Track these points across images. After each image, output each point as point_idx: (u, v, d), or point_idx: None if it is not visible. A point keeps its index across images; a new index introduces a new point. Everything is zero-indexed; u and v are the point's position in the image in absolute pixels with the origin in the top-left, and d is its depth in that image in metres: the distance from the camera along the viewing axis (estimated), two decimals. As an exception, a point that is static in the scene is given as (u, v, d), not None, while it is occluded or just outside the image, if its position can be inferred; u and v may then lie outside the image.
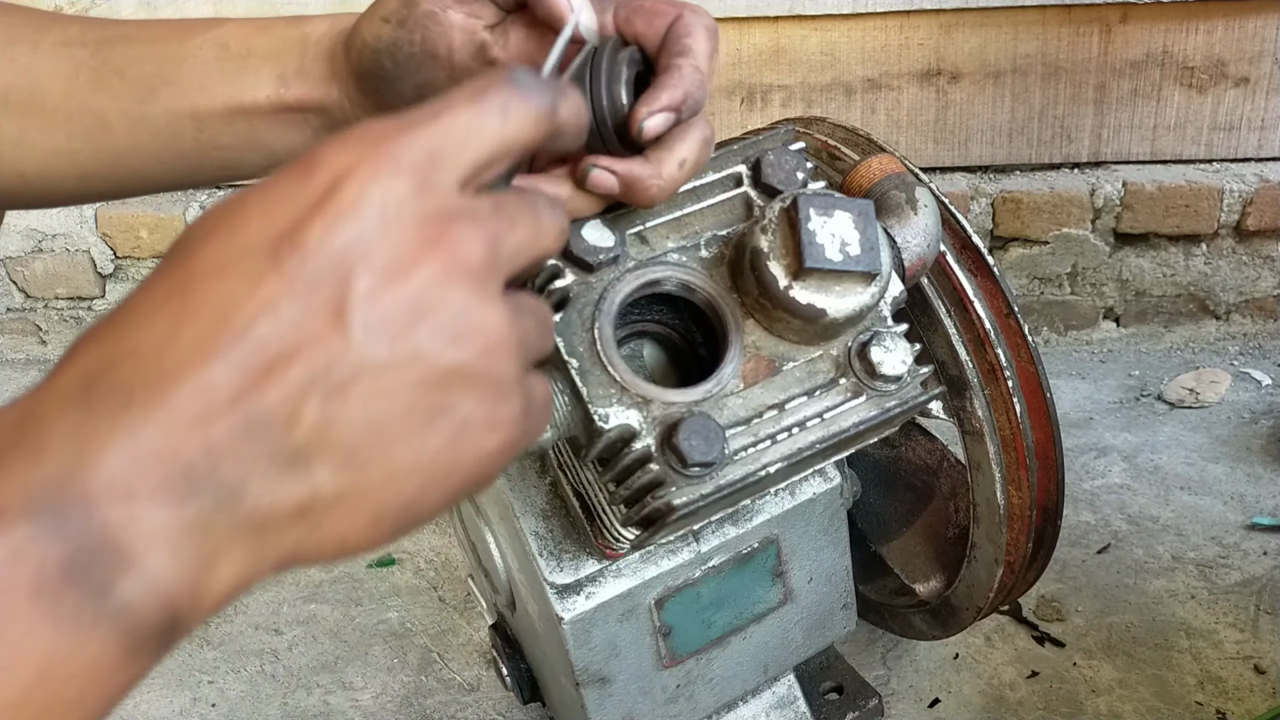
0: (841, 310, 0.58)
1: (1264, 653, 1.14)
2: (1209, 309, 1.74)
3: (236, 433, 0.31)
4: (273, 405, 0.31)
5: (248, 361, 0.31)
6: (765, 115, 1.69)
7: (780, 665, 0.94)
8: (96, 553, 0.28)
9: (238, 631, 1.28)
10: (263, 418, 0.31)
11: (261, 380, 0.31)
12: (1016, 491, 0.85)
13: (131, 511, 0.29)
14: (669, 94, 0.49)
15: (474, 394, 0.35)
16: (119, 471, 0.29)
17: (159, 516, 0.29)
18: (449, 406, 0.34)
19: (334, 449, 0.33)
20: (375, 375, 0.33)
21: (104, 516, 0.29)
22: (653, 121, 0.49)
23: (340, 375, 0.32)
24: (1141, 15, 1.59)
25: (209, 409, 0.30)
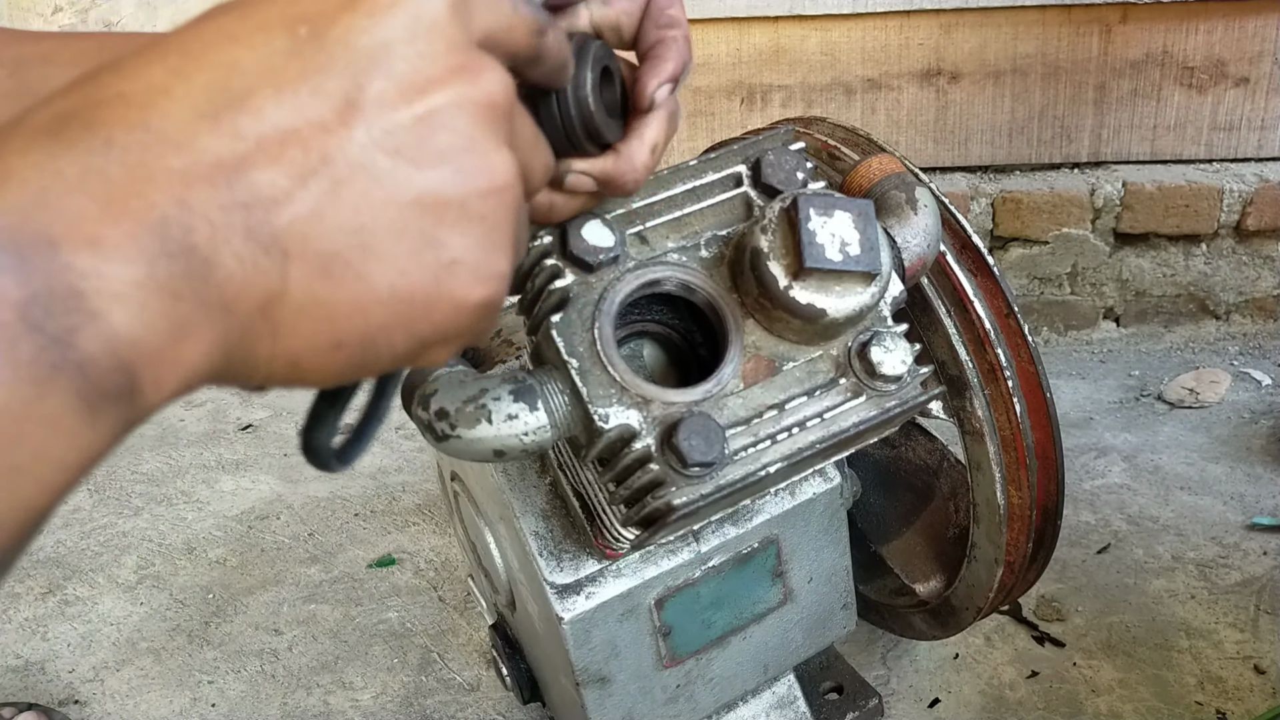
0: (841, 310, 0.58)
1: (1264, 653, 1.14)
2: (1209, 309, 1.74)
3: (217, 200, 0.29)
4: (260, 181, 0.29)
5: (242, 130, 0.29)
6: (765, 115, 1.69)
7: (780, 665, 0.94)
8: (58, 299, 0.26)
9: (238, 631, 1.28)
10: (247, 191, 0.29)
11: (254, 153, 0.29)
12: (1016, 491, 0.85)
13: (98, 261, 0.26)
14: (671, 65, 0.50)
15: (469, 235, 0.33)
16: (87, 215, 0.27)
17: (127, 272, 0.27)
18: (441, 240, 0.33)
19: (313, 248, 0.31)
20: (372, 181, 0.31)
21: (68, 262, 0.26)
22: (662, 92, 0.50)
23: (337, 171, 0.30)
24: (1141, 15, 1.59)
25: (193, 170, 0.28)
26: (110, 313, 0.27)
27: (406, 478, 1.54)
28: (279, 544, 1.43)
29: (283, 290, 0.30)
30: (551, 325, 0.58)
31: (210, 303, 0.29)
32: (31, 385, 0.25)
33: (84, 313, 0.26)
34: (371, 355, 0.33)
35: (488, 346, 0.77)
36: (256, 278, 0.30)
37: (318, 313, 0.31)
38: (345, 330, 0.32)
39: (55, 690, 1.21)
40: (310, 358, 0.32)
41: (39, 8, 1.66)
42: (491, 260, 0.34)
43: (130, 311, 0.27)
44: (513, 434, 0.58)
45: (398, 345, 0.34)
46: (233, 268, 0.29)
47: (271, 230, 0.30)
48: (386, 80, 0.31)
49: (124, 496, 1.54)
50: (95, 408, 0.27)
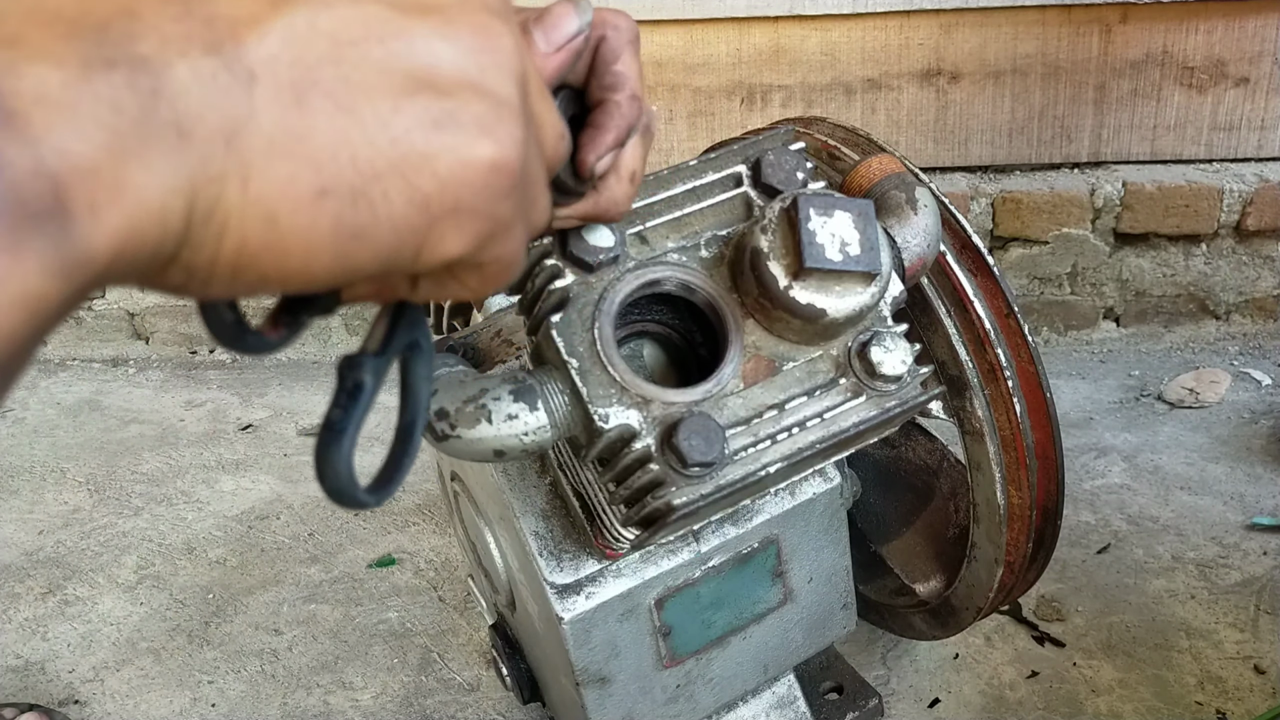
0: (841, 310, 0.58)
1: (1264, 653, 1.14)
2: (1209, 309, 1.74)
3: (171, 13, 0.25)
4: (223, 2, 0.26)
5: None
6: (765, 115, 1.69)
7: (780, 665, 0.94)
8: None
9: (238, 631, 1.28)
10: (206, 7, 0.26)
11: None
12: (1016, 491, 0.85)
13: (18, 58, 0.23)
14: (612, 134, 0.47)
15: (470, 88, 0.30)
16: (9, 16, 0.24)
17: (53, 74, 0.23)
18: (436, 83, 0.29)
19: (286, 72, 0.26)
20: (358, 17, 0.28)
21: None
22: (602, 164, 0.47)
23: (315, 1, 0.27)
24: (1141, 15, 1.59)
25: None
26: (30, 115, 0.23)
27: (406, 478, 1.54)
28: (279, 544, 1.43)
29: (249, 116, 0.26)
30: (551, 325, 0.58)
31: (160, 121, 0.25)
32: None
33: (0, 114, 0.23)
34: (366, 212, 0.28)
35: (488, 346, 0.77)
36: (216, 98, 0.25)
37: (295, 149, 0.27)
38: (330, 172, 0.27)
39: (55, 690, 1.21)
40: (290, 209, 0.27)
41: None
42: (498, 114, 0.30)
43: (55, 116, 0.23)
44: (513, 434, 0.58)
45: (396, 203, 0.29)
46: (187, 82, 0.25)
47: (236, 50, 0.26)
48: None
49: (124, 496, 1.54)
50: (18, 229, 0.22)
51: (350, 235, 0.28)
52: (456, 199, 0.30)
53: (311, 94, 0.27)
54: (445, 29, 0.29)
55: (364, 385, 0.35)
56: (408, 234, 0.29)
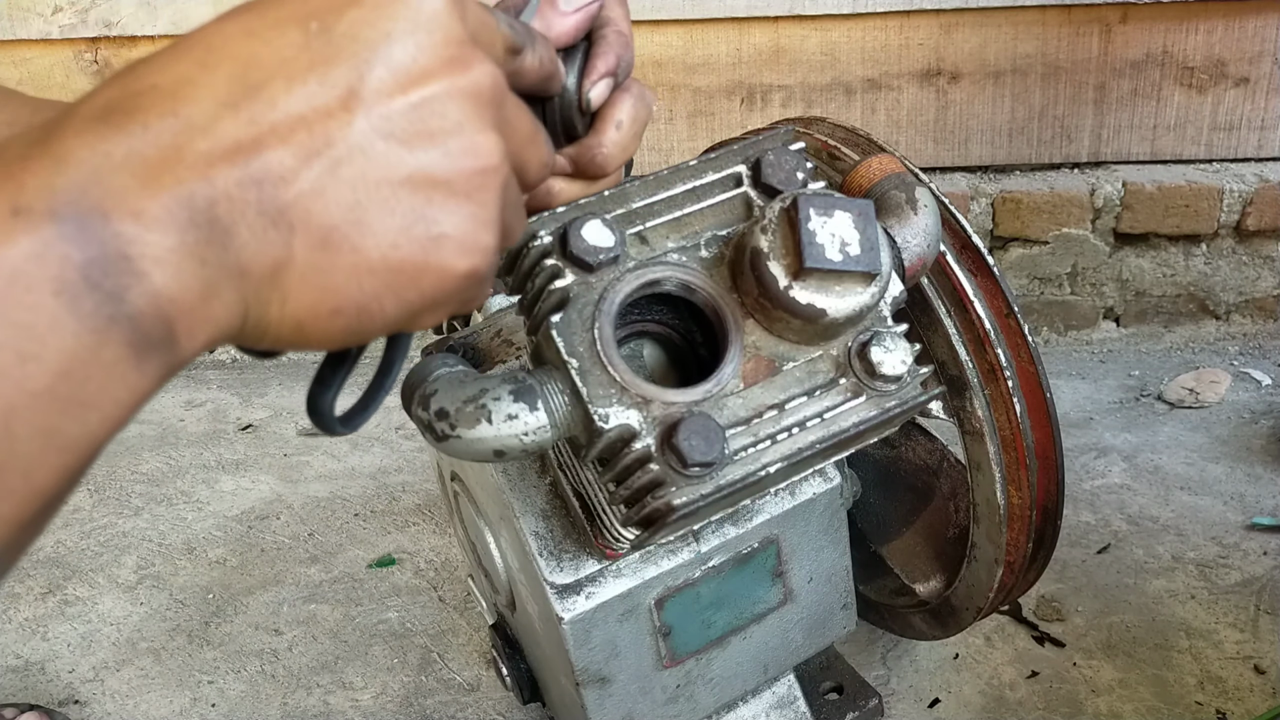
0: (841, 310, 0.58)
1: (1264, 653, 1.14)
2: (1209, 309, 1.74)
3: (235, 177, 0.33)
4: (271, 162, 0.33)
5: (257, 116, 0.33)
6: (765, 115, 1.69)
7: (780, 665, 0.94)
8: (111, 261, 0.30)
9: (238, 631, 1.28)
10: (259, 171, 0.33)
11: (267, 136, 0.33)
12: (1016, 491, 0.85)
13: (141, 230, 0.31)
14: (603, 61, 0.53)
15: (456, 211, 0.37)
16: (131, 191, 0.31)
17: (164, 239, 0.31)
18: (429, 216, 0.37)
19: (315, 221, 0.35)
20: (369, 162, 0.35)
21: (118, 229, 0.31)
22: (597, 91, 0.53)
23: (337, 152, 0.34)
24: (1141, 15, 1.59)
25: (215, 151, 0.33)
26: (153, 273, 0.31)
27: (406, 478, 1.54)
28: (279, 544, 1.43)
29: (289, 259, 0.35)
30: (551, 325, 0.58)
31: (230, 267, 0.33)
32: (93, 334, 0.30)
33: (133, 274, 0.31)
34: (366, 320, 0.37)
35: (488, 346, 0.77)
36: (267, 247, 0.34)
37: (319, 280, 0.35)
38: (343, 297, 0.36)
39: (55, 690, 1.21)
40: (312, 321, 0.36)
41: (39, 8, 1.66)
42: (477, 235, 0.38)
43: (168, 273, 0.32)
44: (513, 434, 0.58)
45: (389, 311, 0.37)
46: (247, 237, 0.33)
47: (279, 205, 0.34)
48: (385, 70, 0.35)
49: (124, 496, 1.54)
50: (142, 354, 0.31)
51: (354, 333, 0.38)
52: (434, 300, 0.38)
53: (333, 236, 0.35)
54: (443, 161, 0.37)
55: (350, 350, 0.44)
56: (395, 325, 0.39)
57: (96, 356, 0.30)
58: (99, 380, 0.31)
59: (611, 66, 0.54)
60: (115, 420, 0.32)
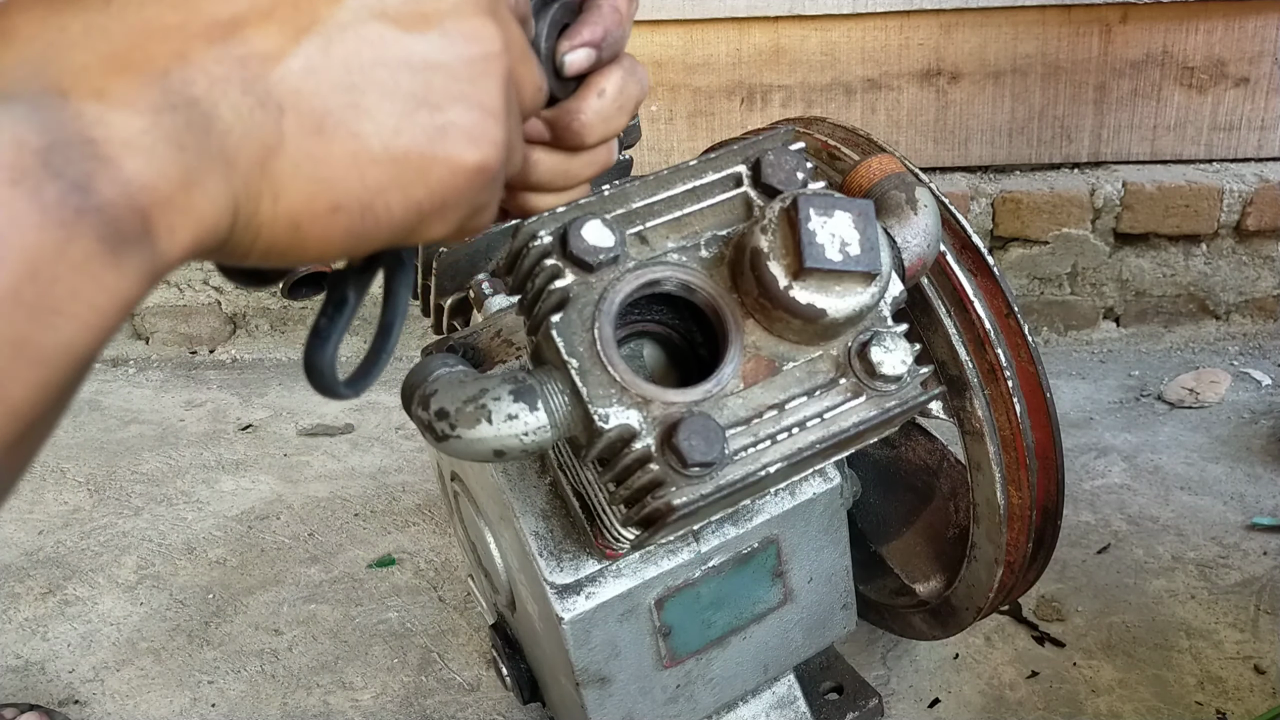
0: (841, 310, 0.58)
1: (1264, 653, 1.14)
2: (1209, 309, 1.74)
3: (213, 54, 0.30)
4: (254, 36, 0.31)
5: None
6: (765, 115, 1.69)
7: (780, 665, 0.94)
8: (74, 146, 0.27)
9: (238, 631, 1.28)
10: (241, 45, 0.30)
11: (246, 13, 0.31)
12: (1016, 491, 0.85)
13: (105, 110, 0.28)
14: (589, 30, 0.50)
15: (461, 98, 0.34)
16: (92, 68, 0.28)
17: (133, 121, 0.28)
18: (433, 101, 0.34)
19: (306, 104, 0.32)
20: (362, 42, 0.32)
21: (78, 110, 0.27)
22: (574, 56, 0.49)
23: (327, 30, 0.32)
24: (1141, 15, 1.59)
25: (189, 24, 0.30)
26: (121, 159, 0.28)
27: (406, 478, 1.54)
28: (279, 544, 1.43)
29: (280, 144, 0.31)
30: (551, 325, 0.58)
31: (213, 153, 0.30)
32: (59, 228, 0.26)
33: (98, 159, 0.27)
34: (370, 220, 0.34)
35: (488, 346, 0.77)
36: (254, 130, 0.31)
37: (314, 171, 0.32)
38: (342, 190, 0.33)
39: (55, 690, 1.21)
40: (310, 220, 0.33)
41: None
42: (485, 124, 0.35)
43: (140, 158, 0.28)
44: (513, 434, 0.58)
45: (395, 210, 0.34)
46: (231, 120, 0.30)
47: (266, 85, 0.31)
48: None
49: (124, 496, 1.54)
50: (117, 250, 0.28)
51: (357, 236, 0.34)
52: (444, 200, 0.35)
53: (328, 121, 0.32)
54: (441, 43, 0.34)
55: (348, 299, 0.42)
56: (402, 230, 0.35)
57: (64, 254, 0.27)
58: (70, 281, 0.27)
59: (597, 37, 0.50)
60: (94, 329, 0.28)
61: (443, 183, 0.35)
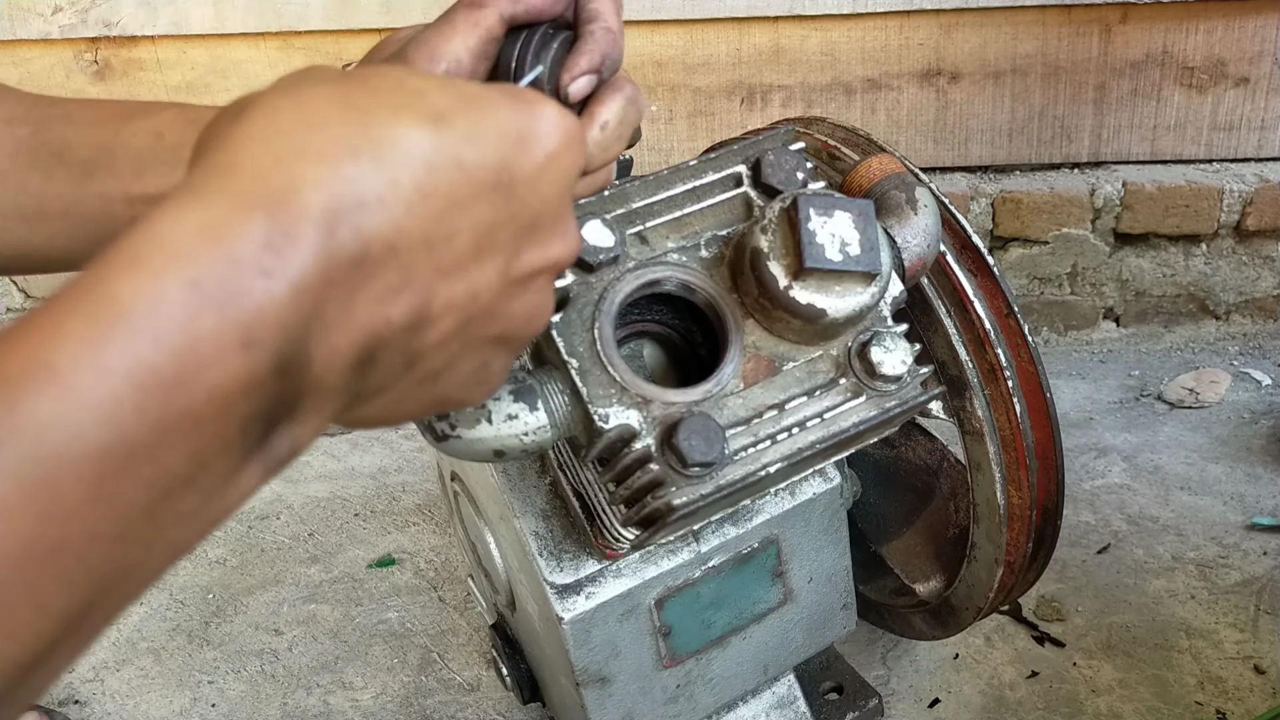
0: (841, 310, 0.58)
1: (1264, 653, 1.14)
2: (1209, 309, 1.74)
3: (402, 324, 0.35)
4: (435, 311, 0.36)
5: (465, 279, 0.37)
6: (765, 115, 1.69)
7: (780, 665, 0.94)
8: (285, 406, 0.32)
9: (238, 631, 1.28)
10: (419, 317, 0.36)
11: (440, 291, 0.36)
12: (1016, 491, 0.85)
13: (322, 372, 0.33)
14: (586, 58, 0.52)
15: (506, 358, 0.42)
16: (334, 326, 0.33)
17: (332, 379, 0.33)
18: (490, 365, 0.41)
19: (427, 366, 0.37)
20: (488, 321, 0.38)
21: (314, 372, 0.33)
22: (576, 85, 0.52)
23: (474, 311, 0.37)
24: (1141, 15, 1.59)
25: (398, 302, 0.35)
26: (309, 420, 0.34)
27: (406, 478, 1.54)
28: (279, 544, 1.43)
29: (391, 390, 0.38)
30: (551, 325, 0.58)
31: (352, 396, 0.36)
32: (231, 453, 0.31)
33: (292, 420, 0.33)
34: (395, 423, 0.41)
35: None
36: (388, 381, 0.37)
37: (392, 405, 0.39)
38: (396, 418, 0.40)
39: (55, 690, 1.21)
40: (357, 425, 0.40)
41: (39, 8, 1.66)
42: (505, 375, 0.43)
43: (318, 421, 0.34)
44: (513, 434, 0.58)
45: (428, 412, 0.42)
46: (382, 376, 0.36)
47: (416, 350, 0.37)
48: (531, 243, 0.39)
49: (124, 496, 1.54)
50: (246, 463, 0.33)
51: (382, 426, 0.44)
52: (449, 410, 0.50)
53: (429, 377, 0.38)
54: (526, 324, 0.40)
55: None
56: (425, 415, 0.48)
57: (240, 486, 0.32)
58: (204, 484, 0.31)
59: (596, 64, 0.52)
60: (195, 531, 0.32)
61: (452, 408, 0.44)
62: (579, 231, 0.42)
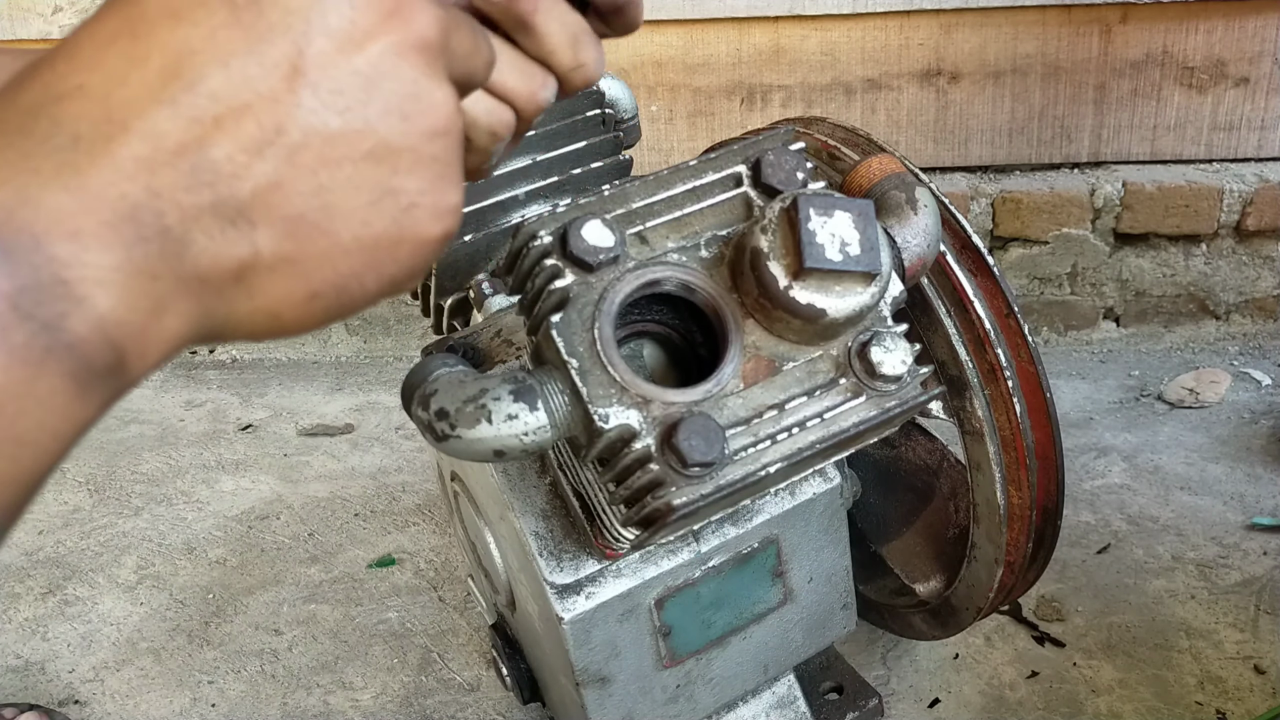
0: (841, 310, 0.58)
1: (1264, 653, 1.14)
2: (1209, 309, 1.74)
3: (182, 182, 0.31)
4: (220, 158, 0.31)
5: (197, 112, 0.31)
6: (765, 115, 1.69)
7: (780, 665, 0.94)
8: (45, 288, 0.28)
9: (238, 631, 1.28)
10: (209, 170, 0.31)
11: (211, 132, 0.31)
12: (1016, 491, 0.85)
13: (79, 250, 0.29)
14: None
15: (422, 175, 0.35)
16: (65, 209, 0.29)
17: (106, 258, 0.29)
18: (395, 186, 0.35)
19: (277, 213, 0.32)
20: (325, 143, 0.33)
21: (51, 252, 0.28)
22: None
23: (290, 138, 0.32)
24: (1141, 15, 1.59)
25: (156, 156, 0.30)
26: (95, 297, 0.29)
27: (406, 478, 1.54)
28: (279, 544, 1.43)
29: (254, 256, 0.32)
30: (551, 325, 0.58)
31: (186, 277, 0.31)
32: (26, 367, 0.28)
33: (71, 299, 0.28)
34: (346, 298, 0.36)
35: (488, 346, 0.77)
36: (227, 249, 0.32)
37: (289, 270, 0.33)
38: (318, 282, 0.34)
39: (55, 690, 1.21)
40: (289, 309, 0.34)
41: (39, 8, 1.66)
42: (446, 196, 0.36)
43: (113, 294, 0.29)
44: (513, 434, 0.58)
45: (369, 286, 0.36)
46: (204, 243, 0.31)
47: (236, 203, 0.32)
48: (324, 38, 0.32)
49: (124, 496, 1.54)
50: (85, 383, 0.29)
51: (335, 313, 0.36)
52: (413, 268, 0.37)
53: (299, 226, 0.33)
54: (399, 126, 0.34)
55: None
56: (378, 296, 0.37)
57: (30, 390, 0.28)
58: (34, 415, 0.28)
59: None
60: (53, 454, 0.30)
61: (412, 256, 0.36)
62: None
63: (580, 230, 0.58)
